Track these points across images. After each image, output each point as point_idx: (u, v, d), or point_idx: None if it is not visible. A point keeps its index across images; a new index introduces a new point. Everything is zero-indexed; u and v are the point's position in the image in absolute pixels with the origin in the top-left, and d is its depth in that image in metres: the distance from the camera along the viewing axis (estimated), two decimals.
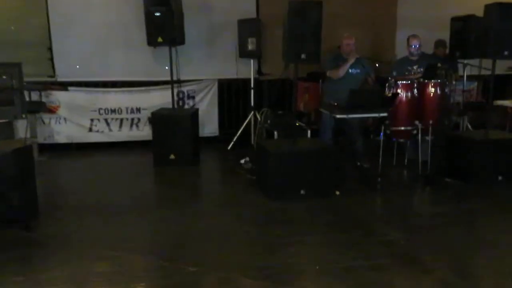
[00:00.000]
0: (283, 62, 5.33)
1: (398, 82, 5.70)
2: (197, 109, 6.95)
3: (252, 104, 7.39)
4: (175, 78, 6.79)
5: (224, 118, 7.92)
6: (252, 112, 7.31)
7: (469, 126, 6.98)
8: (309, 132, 5.98)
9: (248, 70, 7.43)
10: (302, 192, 4.93)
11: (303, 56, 4.89)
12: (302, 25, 4.84)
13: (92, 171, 6.34)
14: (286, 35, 4.89)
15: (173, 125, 6.39)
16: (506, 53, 5.35)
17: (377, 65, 6.37)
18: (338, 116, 5.09)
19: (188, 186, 5.67)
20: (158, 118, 6.48)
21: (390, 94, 5.49)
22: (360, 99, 5.14)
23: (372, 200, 5.11)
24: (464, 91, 7.07)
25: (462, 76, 7.04)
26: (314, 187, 4.98)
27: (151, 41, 6.42)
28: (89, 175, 6.13)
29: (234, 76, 7.62)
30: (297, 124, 5.82)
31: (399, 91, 5.67)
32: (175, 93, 7.30)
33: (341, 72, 5.92)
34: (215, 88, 7.72)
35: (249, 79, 7.47)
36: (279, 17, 5.21)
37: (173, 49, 6.65)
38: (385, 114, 5.21)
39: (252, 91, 7.38)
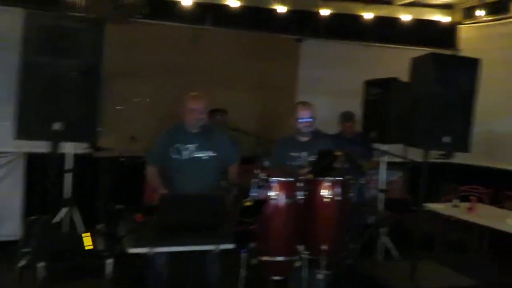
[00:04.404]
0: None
1: (272, 179, 3.33)
2: None
3: (70, 195, 4.75)
4: None
5: (36, 212, 5.21)
6: (68, 209, 4.66)
7: (390, 245, 4.62)
8: (109, 263, 3.33)
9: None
10: None
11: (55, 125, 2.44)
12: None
13: None
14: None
15: None
16: (445, 139, 3.17)
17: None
18: (132, 250, 2.57)
19: None
20: None
21: (250, 203, 3.06)
22: (188, 213, 2.69)
23: None
24: (381, 190, 4.82)
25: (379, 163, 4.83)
26: None
27: None
28: None
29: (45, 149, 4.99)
30: (87, 247, 3.22)
31: (272, 194, 3.30)
32: None
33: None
34: (21, 167, 5.11)
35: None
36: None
37: None
38: (231, 246, 2.76)
39: (67, 175, 4.76)
